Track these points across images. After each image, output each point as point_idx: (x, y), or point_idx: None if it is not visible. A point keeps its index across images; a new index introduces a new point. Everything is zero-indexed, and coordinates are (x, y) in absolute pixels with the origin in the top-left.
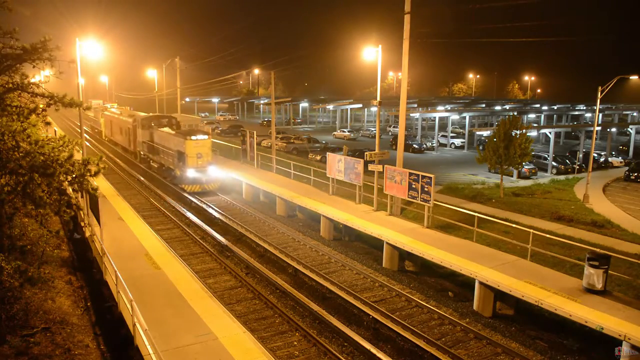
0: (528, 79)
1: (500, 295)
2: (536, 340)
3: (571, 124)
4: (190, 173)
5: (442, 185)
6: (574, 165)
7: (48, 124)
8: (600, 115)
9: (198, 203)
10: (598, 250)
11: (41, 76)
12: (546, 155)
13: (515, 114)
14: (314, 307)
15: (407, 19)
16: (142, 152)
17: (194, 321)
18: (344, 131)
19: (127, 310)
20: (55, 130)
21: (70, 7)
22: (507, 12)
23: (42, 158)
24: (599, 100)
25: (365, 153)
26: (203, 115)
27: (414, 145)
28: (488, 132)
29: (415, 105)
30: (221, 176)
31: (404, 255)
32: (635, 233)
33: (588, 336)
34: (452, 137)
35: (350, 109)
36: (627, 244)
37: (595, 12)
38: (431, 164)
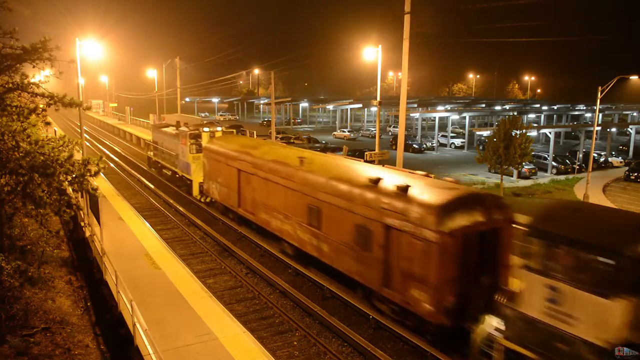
0: (528, 79)
1: None
2: None
3: (571, 124)
4: None
5: None
6: (574, 165)
7: (48, 124)
8: (600, 115)
9: None
10: None
11: (41, 76)
12: (546, 155)
13: (515, 114)
14: (314, 307)
15: (407, 19)
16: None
17: (194, 321)
18: (344, 131)
19: (127, 310)
20: (55, 130)
21: (70, 7)
22: (506, 12)
23: (42, 158)
24: (598, 100)
25: (365, 153)
26: (203, 115)
27: (414, 145)
28: (488, 132)
29: (415, 105)
30: None
31: None
32: None
33: None
34: (452, 137)
35: (350, 109)
36: None
37: (595, 12)
38: (431, 164)
